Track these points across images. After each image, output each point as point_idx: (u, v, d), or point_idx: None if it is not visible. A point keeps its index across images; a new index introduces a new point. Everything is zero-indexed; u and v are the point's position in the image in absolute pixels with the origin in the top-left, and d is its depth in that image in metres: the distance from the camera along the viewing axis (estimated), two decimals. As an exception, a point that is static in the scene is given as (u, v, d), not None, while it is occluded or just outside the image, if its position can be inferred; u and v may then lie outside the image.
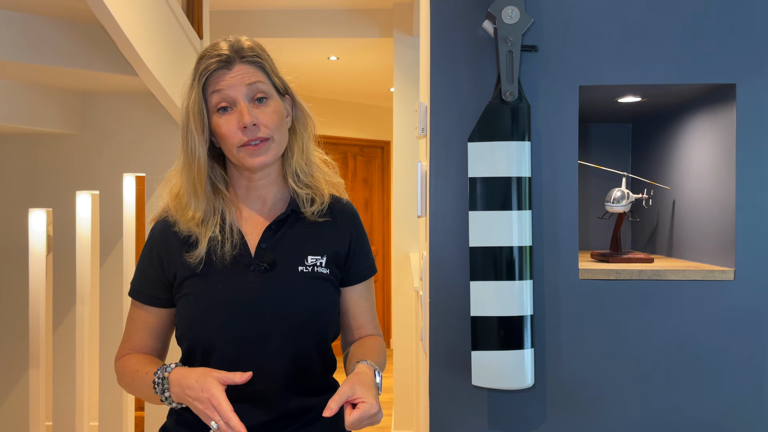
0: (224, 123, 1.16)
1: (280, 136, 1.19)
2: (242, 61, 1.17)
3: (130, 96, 3.09)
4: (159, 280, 1.22)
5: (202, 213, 1.19)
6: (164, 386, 1.12)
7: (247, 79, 1.16)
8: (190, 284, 1.19)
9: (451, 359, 1.55)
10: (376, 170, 6.62)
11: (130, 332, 1.25)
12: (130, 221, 3.21)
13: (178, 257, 1.20)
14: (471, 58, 1.53)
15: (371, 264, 1.32)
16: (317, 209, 1.24)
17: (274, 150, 1.18)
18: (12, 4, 2.26)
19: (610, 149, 2.16)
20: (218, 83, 1.16)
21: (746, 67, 1.50)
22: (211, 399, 1.05)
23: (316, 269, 1.21)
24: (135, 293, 1.25)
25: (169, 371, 1.12)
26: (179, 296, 1.20)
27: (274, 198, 1.25)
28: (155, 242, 1.23)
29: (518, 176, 1.45)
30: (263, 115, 1.16)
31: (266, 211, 1.24)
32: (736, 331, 1.51)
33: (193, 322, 1.18)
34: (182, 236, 1.20)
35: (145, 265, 1.24)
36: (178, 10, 2.74)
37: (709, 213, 1.64)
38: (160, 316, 1.24)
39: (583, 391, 1.53)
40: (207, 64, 1.16)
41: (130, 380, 1.20)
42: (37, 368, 3.12)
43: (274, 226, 1.22)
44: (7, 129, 2.90)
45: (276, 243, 1.21)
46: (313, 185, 1.25)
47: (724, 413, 1.51)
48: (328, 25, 4.17)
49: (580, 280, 1.53)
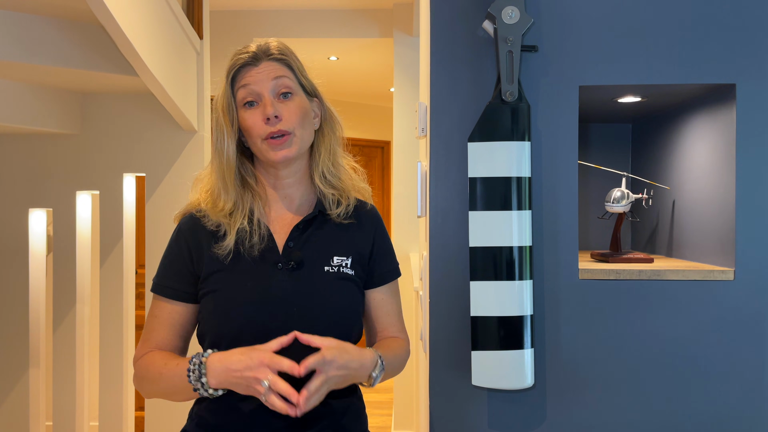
0: (249, 116, 1.20)
1: (302, 131, 1.22)
2: (269, 58, 1.22)
3: (130, 96, 3.09)
4: (187, 273, 1.22)
5: (231, 204, 1.21)
6: (201, 371, 1.11)
7: (273, 74, 1.20)
8: (218, 279, 1.19)
9: (451, 359, 1.55)
10: (376, 170, 6.62)
11: (152, 330, 1.23)
12: (130, 221, 3.21)
13: (206, 250, 1.21)
14: (471, 58, 1.53)
15: (395, 267, 1.34)
16: (343, 211, 1.27)
17: (296, 145, 1.21)
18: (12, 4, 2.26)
19: (610, 149, 2.16)
20: (245, 78, 1.20)
21: (746, 67, 1.50)
22: (263, 358, 1.06)
23: (341, 269, 1.23)
24: (159, 288, 1.24)
25: (206, 356, 1.12)
26: (205, 291, 1.20)
27: (301, 198, 1.27)
28: (184, 236, 1.24)
29: (518, 176, 1.45)
30: (286, 110, 1.20)
31: (294, 211, 1.26)
32: (736, 331, 1.51)
33: (220, 316, 1.17)
34: (211, 229, 1.22)
35: (172, 259, 1.24)
36: (178, 10, 2.73)
37: (709, 213, 1.64)
38: (185, 312, 1.23)
39: (583, 391, 1.53)
40: (235, 60, 1.22)
41: (156, 375, 1.17)
42: (37, 368, 3.12)
43: (301, 226, 1.24)
44: (7, 129, 2.90)
45: (303, 242, 1.23)
46: (339, 187, 1.28)
47: (724, 413, 1.51)
48: (328, 25, 4.17)
49: (580, 280, 1.53)
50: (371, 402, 4.78)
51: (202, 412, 1.21)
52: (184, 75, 2.90)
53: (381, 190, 6.65)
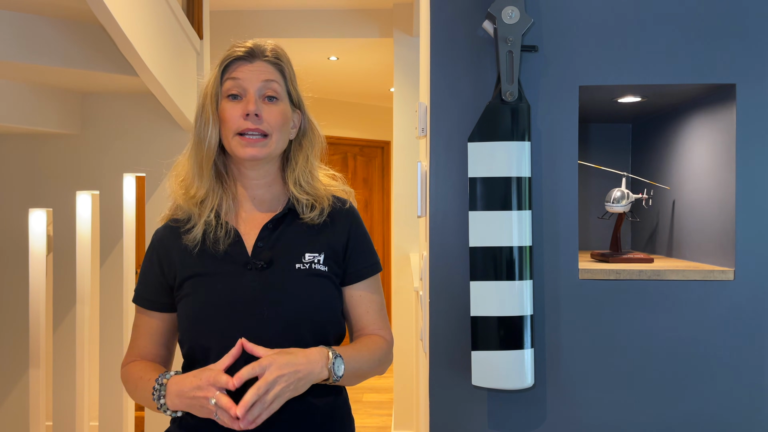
0: (230, 108, 1.20)
1: (279, 137, 1.22)
2: (264, 59, 1.22)
3: (130, 96, 3.09)
4: (160, 284, 1.23)
5: (203, 192, 1.22)
6: (161, 393, 1.13)
7: (264, 75, 1.21)
8: (189, 285, 1.20)
9: (451, 359, 1.55)
10: (376, 170, 6.62)
11: (135, 339, 1.26)
12: (130, 221, 3.21)
13: (177, 259, 1.22)
14: (471, 58, 1.53)
15: (374, 262, 1.32)
16: (317, 214, 1.25)
17: (269, 148, 1.20)
18: (12, 4, 2.26)
19: (610, 149, 2.16)
20: (236, 71, 1.20)
21: (746, 67, 1.50)
22: (209, 377, 1.07)
23: (313, 266, 1.22)
24: (138, 299, 1.26)
25: (168, 378, 1.13)
26: (179, 298, 1.21)
27: (271, 200, 1.27)
28: (155, 247, 1.26)
29: (518, 176, 1.45)
30: (269, 112, 1.20)
31: (264, 210, 1.26)
32: (736, 331, 1.51)
33: (192, 322, 1.18)
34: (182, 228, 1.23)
35: (146, 271, 1.26)
36: (178, 10, 2.74)
37: (709, 213, 1.64)
38: (163, 322, 1.25)
39: (583, 391, 1.53)
40: (231, 52, 1.22)
41: (133, 387, 1.21)
42: (37, 368, 3.12)
43: (271, 225, 1.23)
44: (7, 129, 2.90)
45: (273, 241, 1.22)
46: (313, 193, 1.27)
47: (724, 413, 1.51)
48: (328, 25, 4.17)
49: (580, 280, 1.53)
50: (371, 402, 4.78)
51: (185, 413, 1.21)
52: (184, 75, 2.90)
53: (381, 190, 6.65)
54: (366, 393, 4.95)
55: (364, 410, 4.62)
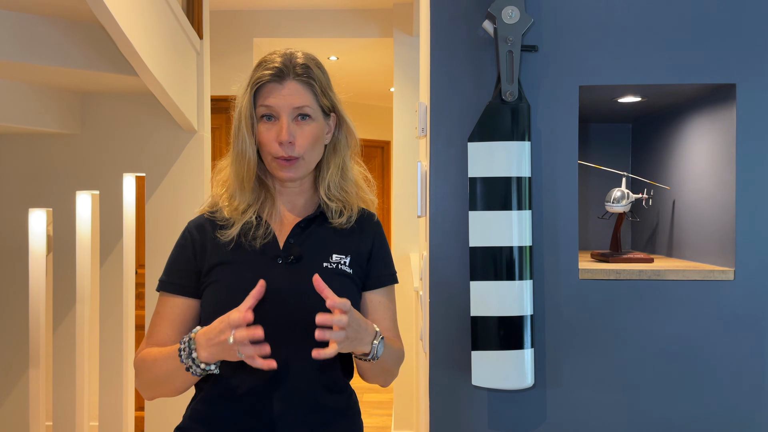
0: (266, 131, 1.23)
1: (311, 155, 1.26)
2: (295, 78, 1.23)
3: (130, 96, 3.09)
4: (189, 269, 1.25)
5: (245, 205, 1.26)
6: (191, 348, 1.11)
7: (296, 101, 1.22)
8: (218, 272, 1.23)
9: (451, 359, 1.55)
10: (376, 170, 6.63)
11: (155, 326, 1.26)
12: (130, 221, 3.21)
13: (210, 247, 1.25)
14: (471, 58, 1.53)
15: (392, 273, 1.35)
16: (345, 221, 1.29)
17: (302, 168, 1.25)
18: (12, 4, 2.26)
19: (610, 149, 2.16)
20: (268, 98, 1.22)
21: (746, 67, 1.50)
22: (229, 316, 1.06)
23: (340, 267, 1.26)
24: (163, 285, 1.27)
25: (195, 332, 1.13)
26: (206, 284, 1.23)
27: (305, 203, 1.31)
28: (190, 233, 1.28)
29: (518, 176, 1.45)
30: (301, 134, 1.23)
31: (296, 213, 1.30)
32: (736, 331, 1.51)
33: (219, 306, 1.18)
34: (219, 223, 1.26)
35: (176, 257, 1.28)
36: (178, 10, 2.73)
37: (709, 213, 1.64)
38: (187, 306, 1.25)
39: (583, 391, 1.53)
40: (261, 75, 1.23)
41: (151, 362, 1.19)
42: (37, 368, 3.12)
43: (303, 224, 1.27)
44: (7, 129, 2.90)
45: (304, 239, 1.26)
46: (343, 198, 1.31)
47: (723, 413, 1.51)
48: (328, 25, 4.18)
49: (580, 280, 1.53)
50: (371, 402, 4.79)
51: (197, 405, 1.23)
52: (184, 75, 2.90)
53: (381, 190, 6.65)
54: (366, 393, 4.95)
55: (364, 410, 4.62)
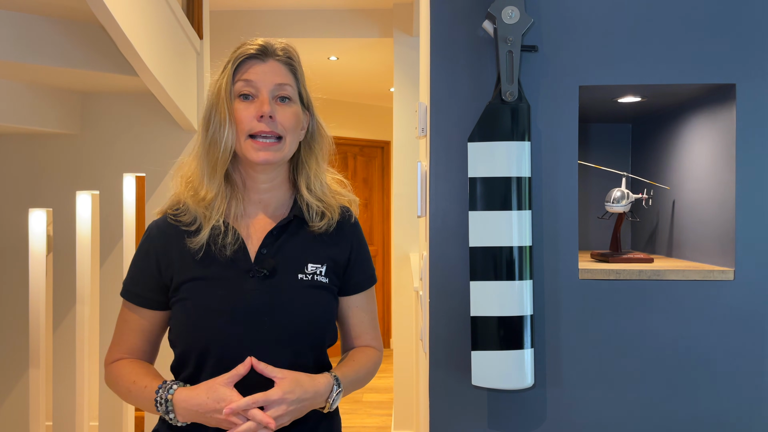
0: (243, 108, 1.17)
1: (291, 139, 1.20)
2: (277, 58, 1.20)
3: (130, 96, 3.09)
4: (154, 281, 1.21)
5: (213, 194, 1.18)
6: (168, 408, 1.12)
7: (278, 78, 1.19)
8: (188, 288, 1.17)
9: (451, 359, 1.55)
10: (376, 170, 6.62)
11: (121, 334, 1.23)
12: (130, 221, 3.21)
13: (176, 258, 1.19)
14: (471, 58, 1.53)
15: (371, 275, 1.33)
16: (325, 225, 1.25)
17: (282, 152, 1.18)
18: (12, 4, 2.26)
19: (610, 149, 2.16)
20: (248, 72, 1.18)
21: (746, 67, 1.50)
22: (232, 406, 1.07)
23: (315, 278, 1.21)
24: (128, 294, 1.23)
25: (172, 393, 1.12)
26: (175, 300, 1.19)
27: (277, 203, 1.25)
28: (152, 243, 1.22)
29: (518, 176, 1.45)
30: (283, 114, 1.18)
31: (269, 215, 1.24)
32: (736, 331, 1.51)
33: (190, 326, 1.16)
34: (183, 229, 1.20)
35: (140, 267, 1.23)
36: (178, 10, 2.74)
37: (709, 213, 1.64)
38: (154, 319, 1.23)
39: (583, 391, 1.53)
40: (243, 50, 1.19)
41: (125, 391, 1.19)
42: (37, 368, 3.12)
43: (275, 232, 1.22)
44: (7, 129, 2.90)
45: (277, 249, 1.21)
46: (325, 200, 1.26)
47: (724, 413, 1.51)
48: (328, 25, 4.18)
49: (580, 280, 1.53)
50: (371, 402, 4.78)
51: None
52: (184, 75, 2.90)
53: (381, 190, 6.65)
54: (366, 393, 4.94)
55: (364, 410, 4.62)
